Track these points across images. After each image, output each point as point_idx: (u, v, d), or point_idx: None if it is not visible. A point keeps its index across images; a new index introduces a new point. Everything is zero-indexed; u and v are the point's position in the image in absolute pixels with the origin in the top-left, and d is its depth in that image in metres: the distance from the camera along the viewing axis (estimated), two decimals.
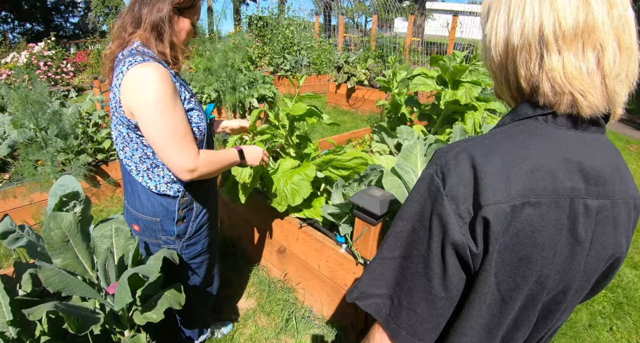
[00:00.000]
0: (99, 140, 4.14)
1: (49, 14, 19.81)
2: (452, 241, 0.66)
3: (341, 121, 7.64)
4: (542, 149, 0.67)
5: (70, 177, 1.94)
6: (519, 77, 0.70)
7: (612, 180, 0.70)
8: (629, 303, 3.12)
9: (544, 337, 0.84)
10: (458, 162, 0.68)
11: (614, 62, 0.64)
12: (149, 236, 1.74)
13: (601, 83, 0.65)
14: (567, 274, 0.71)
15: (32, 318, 1.34)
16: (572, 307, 0.81)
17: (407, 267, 0.74)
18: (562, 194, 0.66)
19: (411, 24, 11.08)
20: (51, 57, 9.38)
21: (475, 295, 0.70)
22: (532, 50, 0.67)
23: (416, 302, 0.73)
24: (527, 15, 0.66)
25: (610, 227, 0.71)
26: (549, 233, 0.66)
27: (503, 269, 0.67)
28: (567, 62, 0.64)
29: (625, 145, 7.85)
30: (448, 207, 0.66)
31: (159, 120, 1.40)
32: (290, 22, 11.13)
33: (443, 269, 0.69)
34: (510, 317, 0.73)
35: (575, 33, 0.63)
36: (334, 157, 2.34)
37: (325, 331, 2.47)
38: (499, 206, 0.63)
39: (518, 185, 0.65)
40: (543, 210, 0.65)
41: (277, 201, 2.31)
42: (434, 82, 3.67)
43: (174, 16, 1.48)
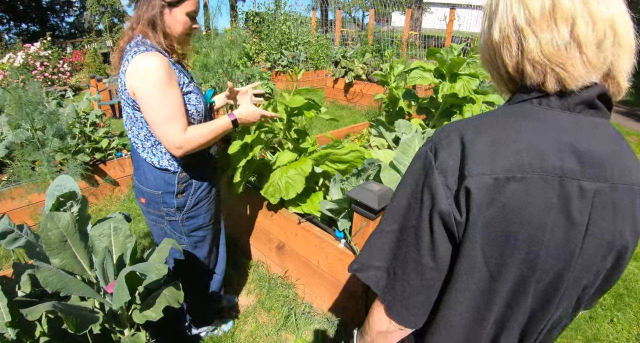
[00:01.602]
0: (96, 139, 4.12)
1: (44, 14, 19.73)
2: (439, 210, 0.71)
3: (339, 116, 7.62)
4: (532, 129, 0.70)
5: (67, 176, 1.93)
6: (507, 68, 0.76)
7: (610, 164, 0.70)
8: (630, 294, 3.12)
9: (544, 330, 0.84)
10: (450, 140, 0.73)
11: (586, 30, 0.67)
12: (153, 208, 1.88)
13: (580, 53, 0.68)
14: (562, 257, 0.72)
15: (31, 318, 1.34)
16: (574, 299, 0.80)
17: (403, 239, 0.78)
18: (549, 172, 0.68)
19: (408, 18, 11.04)
20: (47, 57, 9.35)
21: (461, 266, 0.74)
22: (511, 41, 0.72)
23: (409, 273, 0.78)
24: (501, 13, 0.73)
25: (610, 212, 0.71)
26: (536, 210, 0.68)
27: (490, 244, 0.71)
28: (543, 41, 0.68)
29: (625, 137, 7.83)
30: (437, 179, 0.71)
31: (159, 99, 1.59)
32: (287, 18, 11.10)
33: (431, 239, 0.74)
34: (501, 298, 0.76)
35: (543, 13, 0.68)
36: (331, 151, 2.33)
37: (326, 326, 2.47)
38: (482, 177, 0.68)
39: (504, 161, 0.68)
40: (529, 186, 0.68)
41: (271, 192, 2.31)
42: (431, 75, 3.66)
43: (165, 10, 1.65)
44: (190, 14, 1.71)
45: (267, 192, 2.34)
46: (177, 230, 1.93)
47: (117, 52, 1.75)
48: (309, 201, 2.52)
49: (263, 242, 2.88)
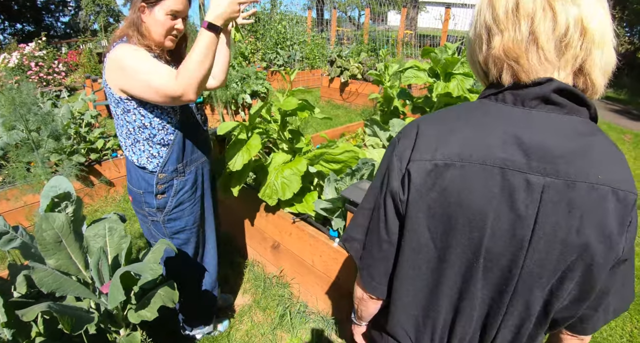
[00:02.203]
0: (91, 140, 4.12)
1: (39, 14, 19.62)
2: (391, 189, 0.82)
3: (335, 115, 7.63)
4: (482, 122, 0.76)
5: (61, 177, 1.93)
6: (480, 64, 0.81)
7: (566, 160, 0.70)
8: None
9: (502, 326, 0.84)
10: (411, 130, 0.82)
11: (544, 26, 0.70)
12: (137, 207, 1.89)
13: (537, 47, 0.71)
14: (509, 248, 0.75)
15: (26, 319, 1.35)
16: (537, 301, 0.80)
17: (373, 216, 0.89)
18: (489, 163, 0.72)
19: (404, 17, 11.06)
20: (42, 57, 9.31)
21: (406, 240, 0.83)
22: (482, 38, 0.78)
23: (373, 245, 0.90)
24: (477, 14, 0.79)
25: (563, 209, 0.71)
26: (475, 197, 0.73)
27: (435, 223, 0.78)
28: (506, 38, 0.73)
29: (619, 135, 7.89)
30: (395, 163, 0.81)
31: (137, 65, 1.53)
32: (282, 17, 11.10)
33: (384, 214, 0.85)
34: (450, 280, 0.82)
35: (506, 12, 0.72)
36: (325, 151, 2.34)
37: (321, 325, 2.49)
38: (422, 162, 0.76)
39: (447, 149, 0.75)
40: (467, 174, 0.73)
41: (268, 194, 2.32)
42: (425, 75, 3.67)
43: (145, 10, 1.63)
44: (172, 13, 1.64)
45: (265, 194, 2.34)
46: (160, 231, 1.92)
47: None
48: (303, 201, 2.53)
49: (258, 242, 2.89)
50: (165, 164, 1.78)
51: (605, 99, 12.35)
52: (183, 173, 1.85)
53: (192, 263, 2.11)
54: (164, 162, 1.78)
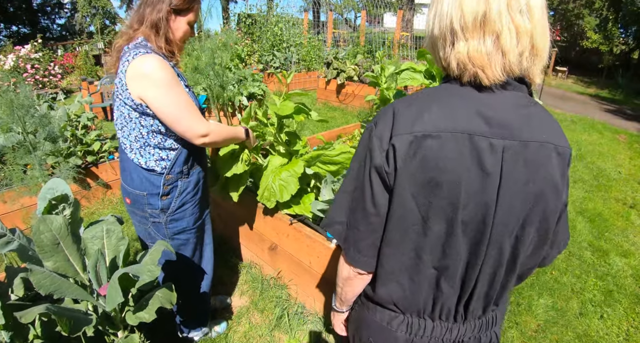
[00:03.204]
0: (88, 142, 4.11)
1: (35, 16, 19.55)
2: (375, 165, 0.90)
3: (331, 117, 7.64)
4: (448, 101, 0.89)
5: (59, 180, 1.93)
6: (440, 58, 0.92)
7: (518, 126, 0.86)
8: (619, 291, 3.17)
9: (480, 278, 0.96)
10: (386, 113, 0.93)
11: (510, 43, 0.82)
12: (137, 208, 1.89)
13: (502, 58, 0.83)
14: (482, 202, 0.88)
15: (24, 321, 1.34)
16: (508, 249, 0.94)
17: (355, 196, 0.97)
18: (459, 131, 0.85)
19: (400, 19, 11.09)
20: (38, 59, 9.29)
21: (395, 206, 0.91)
22: (446, 39, 0.88)
23: (358, 221, 0.97)
24: (443, 14, 0.87)
25: (521, 165, 0.87)
26: (451, 161, 0.85)
27: (417, 189, 0.88)
28: (471, 47, 0.84)
29: (614, 135, 7.93)
30: (375, 143, 0.91)
31: (173, 96, 1.64)
32: (279, 19, 11.11)
33: (371, 189, 0.93)
34: (435, 239, 0.92)
35: (474, 23, 0.83)
36: (322, 153, 2.35)
37: (319, 326, 2.49)
38: (403, 136, 0.87)
39: (423, 124, 0.86)
40: (442, 142, 0.85)
41: (267, 197, 2.32)
42: (422, 76, 3.68)
43: (170, 16, 1.71)
44: (191, 23, 1.79)
45: (263, 197, 2.34)
46: (161, 232, 1.93)
47: (115, 51, 1.77)
48: (300, 202, 2.53)
49: (255, 243, 2.90)
50: (172, 166, 1.82)
51: (600, 99, 12.42)
52: (187, 175, 1.89)
53: (190, 264, 2.12)
54: (171, 165, 1.81)
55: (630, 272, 3.43)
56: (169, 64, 1.70)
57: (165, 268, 2.06)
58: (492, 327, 1.09)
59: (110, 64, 1.83)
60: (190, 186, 1.92)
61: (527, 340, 2.60)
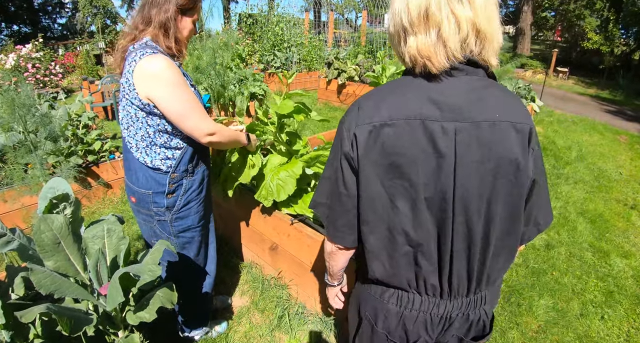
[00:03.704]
0: (89, 141, 4.12)
1: (36, 16, 19.56)
2: (344, 152, 1.03)
3: (332, 117, 7.64)
4: (403, 91, 0.99)
5: (60, 179, 1.93)
6: (398, 53, 1.02)
7: (468, 108, 0.94)
8: (620, 292, 3.17)
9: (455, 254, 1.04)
10: (353, 107, 1.05)
11: (450, 32, 0.90)
12: (143, 207, 1.90)
13: (444, 48, 0.92)
14: (440, 181, 0.97)
15: (25, 320, 1.34)
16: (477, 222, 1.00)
17: (331, 181, 1.09)
18: (412, 118, 0.95)
19: None
20: (39, 59, 9.30)
21: (363, 189, 1.03)
22: (400, 36, 0.98)
23: (334, 202, 1.10)
24: (395, 13, 0.97)
25: (474, 144, 0.94)
26: (407, 145, 0.95)
27: (381, 172, 0.99)
28: (419, 40, 0.93)
29: (615, 136, 7.92)
30: (345, 133, 1.03)
31: (180, 95, 1.66)
32: (280, 19, 11.11)
33: (342, 173, 1.05)
34: (404, 217, 1.01)
35: (419, 19, 0.92)
36: (322, 153, 2.35)
37: (319, 326, 2.49)
38: (364, 126, 0.98)
39: (380, 114, 0.97)
40: (397, 129, 0.95)
41: (264, 196, 2.32)
42: None
43: (177, 16, 1.73)
44: (195, 21, 1.82)
45: (261, 195, 2.35)
46: (166, 230, 1.95)
47: (120, 51, 1.78)
48: (301, 202, 2.53)
49: (256, 243, 2.90)
50: (178, 164, 1.84)
51: (601, 100, 12.41)
52: (192, 173, 1.92)
53: (195, 263, 2.13)
54: (177, 163, 1.83)
55: (631, 273, 3.43)
56: (175, 63, 1.72)
57: (169, 267, 2.07)
58: (481, 305, 1.15)
59: (115, 65, 1.83)
60: (195, 184, 1.94)
61: (528, 341, 2.60)
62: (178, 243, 2.01)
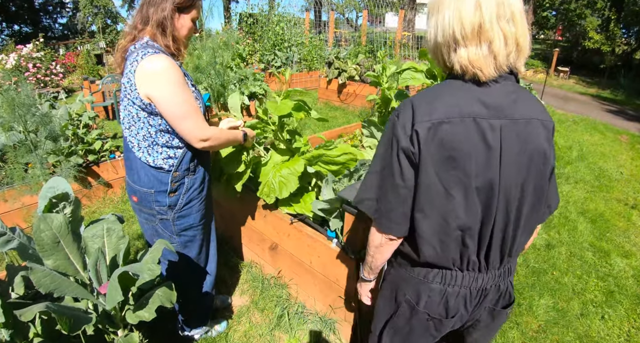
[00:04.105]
0: (89, 141, 4.12)
1: (36, 15, 19.54)
2: (402, 147, 1.10)
3: (332, 117, 7.64)
4: (454, 93, 1.11)
5: (60, 178, 1.93)
6: (444, 60, 1.14)
7: (508, 108, 1.10)
8: (620, 291, 3.16)
9: (494, 233, 1.17)
10: (406, 106, 1.13)
11: (500, 47, 1.05)
12: (145, 206, 1.90)
13: (494, 60, 1.06)
14: (488, 172, 1.09)
15: (24, 319, 1.35)
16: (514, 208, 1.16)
17: (383, 174, 1.17)
18: (465, 116, 1.07)
19: (401, 19, 11.08)
20: (40, 58, 9.30)
21: (421, 181, 1.11)
22: (450, 46, 1.09)
23: (389, 194, 1.17)
24: (446, 23, 1.07)
25: (515, 139, 1.10)
26: (462, 140, 1.07)
27: (439, 166, 1.08)
28: (470, 52, 1.06)
29: (616, 135, 7.91)
30: (399, 130, 1.11)
31: (179, 97, 1.67)
32: (280, 19, 11.09)
33: (399, 166, 1.12)
34: (457, 205, 1.12)
35: (472, 33, 1.04)
36: (323, 152, 2.35)
37: (319, 326, 2.49)
38: (423, 123, 1.07)
39: (437, 113, 1.07)
40: (453, 126, 1.06)
41: (266, 193, 2.32)
42: (423, 76, 3.67)
43: (175, 14, 1.73)
44: (194, 19, 1.82)
45: (263, 192, 2.35)
46: (168, 229, 1.95)
47: (120, 51, 1.79)
48: (301, 201, 2.53)
49: (256, 243, 2.90)
50: (180, 163, 1.85)
51: (602, 99, 12.39)
52: (194, 172, 1.93)
53: (196, 261, 2.13)
54: (178, 162, 1.84)
55: (631, 273, 3.42)
56: (176, 63, 1.72)
57: (170, 266, 2.07)
58: (508, 275, 1.31)
59: (115, 65, 1.83)
60: (196, 183, 1.95)
61: (528, 341, 2.60)
62: (180, 242, 2.02)
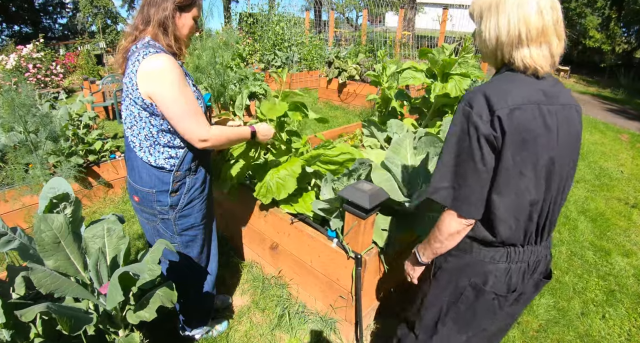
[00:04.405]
0: (89, 141, 4.12)
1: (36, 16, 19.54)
2: (483, 133, 1.20)
3: (333, 116, 7.64)
4: (519, 84, 1.25)
5: (60, 179, 1.94)
6: (503, 57, 1.29)
7: (557, 96, 1.27)
8: (621, 290, 3.16)
9: (551, 207, 1.33)
10: (476, 96, 1.23)
11: (556, 48, 1.23)
12: (146, 206, 1.90)
13: (551, 59, 1.25)
14: (550, 151, 1.24)
15: (24, 319, 1.35)
16: (564, 183, 1.33)
17: (459, 161, 1.26)
18: (532, 102, 1.22)
19: (402, 18, 11.07)
20: (40, 59, 9.30)
21: (502, 165, 1.22)
22: (512, 45, 1.24)
23: (468, 178, 1.25)
24: (511, 25, 1.21)
25: (565, 122, 1.27)
26: (531, 124, 1.20)
27: (514, 148, 1.20)
28: (533, 52, 1.22)
29: (616, 134, 7.91)
30: (476, 118, 1.21)
31: (180, 97, 1.67)
32: (280, 19, 11.08)
33: (481, 152, 1.21)
34: (527, 183, 1.24)
35: (537, 36, 1.20)
36: (322, 152, 2.35)
37: (320, 325, 2.49)
38: (503, 109, 1.18)
39: (512, 100, 1.20)
40: (525, 111, 1.20)
41: (263, 193, 2.33)
42: (423, 76, 3.68)
43: (176, 13, 1.74)
44: (196, 18, 1.83)
45: (260, 193, 2.35)
46: (170, 228, 1.95)
47: (121, 52, 1.79)
48: (301, 201, 2.53)
49: (257, 243, 2.90)
50: (181, 163, 1.85)
51: (602, 98, 12.38)
52: (195, 172, 1.94)
53: (197, 261, 2.14)
54: (180, 162, 1.85)
55: (632, 272, 3.42)
56: (178, 63, 1.73)
57: (171, 266, 2.07)
58: (550, 246, 1.45)
59: (116, 65, 1.83)
60: (197, 183, 1.95)
61: (529, 340, 2.60)
62: (181, 242, 2.02)
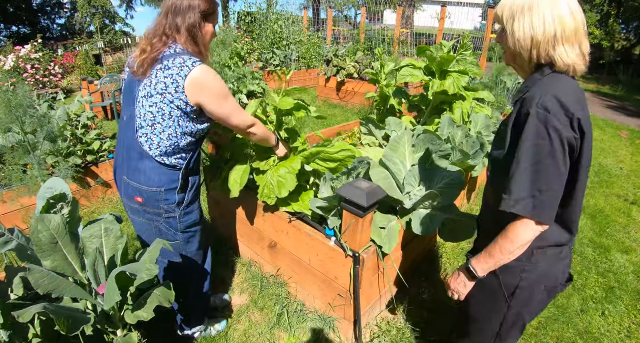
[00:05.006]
0: (88, 141, 4.11)
1: (35, 16, 19.54)
2: (566, 137, 1.21)
3: (332, 115, 7.63)
4: (570, 84, 1.29)
5: (58, 179, 1.93)
6: (539, 57, 1.31)
7: (584, 103, 1.30)
8: (621, 287, 3.16)
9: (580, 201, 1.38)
10: (550, 99, 1.23)
11: (585, 47, 1.28)
12: (151, 206, 1.90)
13: (584, 59, 1.29)
14: (587, 153, 1.27)
15: (22, 320, 1.34)
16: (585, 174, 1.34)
17: (539, 168, 1.24)
18: (583, 106, 1.26)
19: (400, 16, 11.06)
20: (38, 59, 9.28)
21: (582, 167, 1.28)
22: (549, 44, 1.27)
23: (553, 184, 1.24)
24: (547, 24, 1.25)
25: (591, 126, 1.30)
26: (587, 125, 1.25)
27: (587, 149, 1.26)
28: (569, 51, 1.27)
29: (616, 131, 7.91)
30: (556, 121, 1.21)
31: (228, 102, 1.86)
32: (279, 17, 11.08)
33: (563, 155, 1.22)
34: (579, 182, 1.30)
35: (570, 36, 1.25)
36: (321, 150, 2.34)
37: (319, 324, 2.49)
38: (578, 111, 1.22)
39: (575, 104, 1.23)
40: (584, 114, 1.24)
41: (267, 194, 2.32)
42: (421, 73, 3.67)
43: (201, 22, 1.83)
44: (215, 25, 1.94)
45: (263, 194, 2.34)
46: (174, 226, 1.97)
47: (149, 58, 1.77)
48: (300, 199, 2.52)
49: (255, 241, 2.90)
50: (189, 163, 1.93)
51: (601, 95, 12.38)
52: (196, 172, 2.03)
53: (194, 259, 2.16)
54: (188, 162, 1.92)
55: (632, 269, 3.42)
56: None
57: (169, 266, 2.08)
58: None
59: (141, 71, 1.79)
60: (197, 182, 2.03)
61: (528, 338, 2.60)
62: (184, 238, 2.05)
